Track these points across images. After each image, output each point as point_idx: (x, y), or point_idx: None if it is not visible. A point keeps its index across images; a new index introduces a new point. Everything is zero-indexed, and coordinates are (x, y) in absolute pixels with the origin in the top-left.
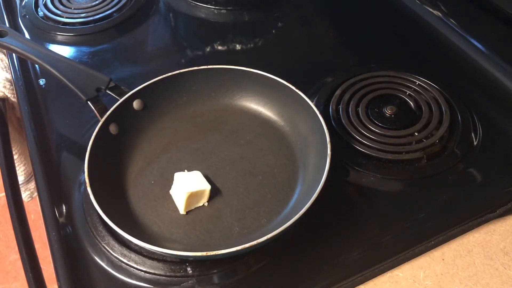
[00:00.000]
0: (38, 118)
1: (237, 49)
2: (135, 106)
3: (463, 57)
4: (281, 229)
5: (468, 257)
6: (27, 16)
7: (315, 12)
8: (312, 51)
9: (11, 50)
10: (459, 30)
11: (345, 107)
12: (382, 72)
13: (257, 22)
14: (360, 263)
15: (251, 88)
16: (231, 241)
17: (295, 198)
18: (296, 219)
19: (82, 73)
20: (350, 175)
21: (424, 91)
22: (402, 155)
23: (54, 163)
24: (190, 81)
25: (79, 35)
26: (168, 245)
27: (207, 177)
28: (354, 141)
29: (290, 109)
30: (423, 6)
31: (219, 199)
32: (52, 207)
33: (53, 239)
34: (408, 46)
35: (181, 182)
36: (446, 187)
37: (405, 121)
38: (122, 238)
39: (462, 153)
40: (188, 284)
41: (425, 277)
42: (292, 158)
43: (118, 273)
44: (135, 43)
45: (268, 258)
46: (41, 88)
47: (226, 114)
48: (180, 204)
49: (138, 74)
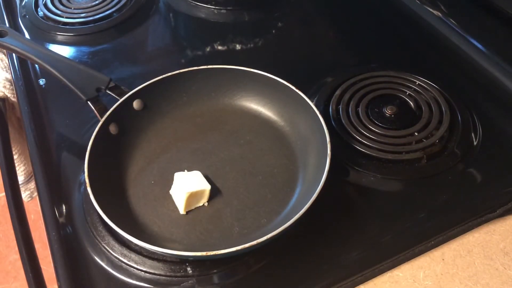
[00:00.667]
0: (38, 118)
1: (237, 49)
2: (135, 106)
3: (463, 57)
4: (281, 229)
5: (468, 257)
6: (27, 16)
7: (315, 12)
8: (312, 51)
9: (11, 50)
10: (459, 30)
11: (345, 107)
12: (382, 72)
13: (257, 22)
14: (360, 263)
15: (251, 88)
16: (231, 241)
17: (295, 198)
18: (296, 219)
19: (82, 73)
20: (350, 175)
21: (424, 91)
22: (402, 155)
23: (54, 163)
24: (190, 81)
25: (79, 35)
26: (168, 245)
27: (207, 177)
28: (354, 141)
29: (290, 109)
30: (423, 6)
31: (219, 199)
32: (52, 207)
33: (53, 239)
34: (408, 46)
35: (181, 182)
36: (446, 187)
37: (405, 121)
38: (122, 238)
39: (462, 153)
40: (188, 284)
41: (425, 277)
42: (292, 158)
43: (118, 273)
44: (135, 43)
45: (268, 258)
46: (41, 88)
47: (226, 114)
48: (180, 204)
49: (138, 74)
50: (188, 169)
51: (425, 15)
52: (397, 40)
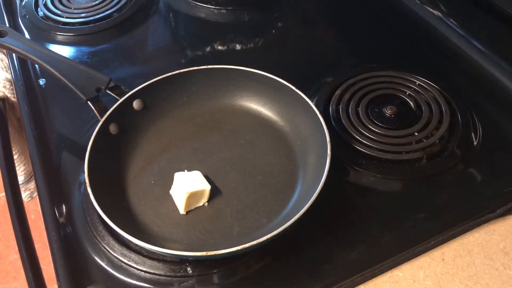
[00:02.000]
0: (38, 118)
1: (237, 49)
2: (135, 106)
3: (463, 57)
4: (281, 229)
5: (468, 257)
6: (27, 16)
7: (315, 12)
8: (312, 51)
9: (11, 50)
10: (459, 30)
11: (345, 107)
12: (382, 72)
13: (257, 22)
14: (360, 263)
15: (251, 88)
16: (231, 241)
17: (295, 198)
18: (296, 219)
19: (82, 73)
20: (350, 175)
21: (424, 91)
22: (402, 155)
23: (54, 163)
24: (190, 81)
25: (79, 35)
26: (168, 245)
27: (207, 177)
28: (354, 141)
29: (290, 109)
30: (423, 6)
31: (219, 199)
32: (52, 207)
33: (53, 239)
34: (408, 46)
35: (181, 182)
36: (446, 187)
37: (405, 121)
38: (122, 238)
39: (462, 153)
40: (188, 284)
41: (425, 277)
42: (292, 158)
43: (118, 273)
44: (135, 43)
45: (268, 258)
46: (41, 88)
47: (226, 114)
48: (180, 204)
49: (138, 74)
50: (188, 169)
51: (425, 15)
52: (397, 40)
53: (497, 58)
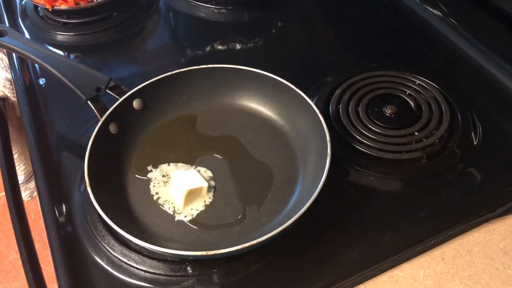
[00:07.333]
0: (38, 118)
1: (237, 48)
2: (135, 106)
3: (463, 57)
4: (281, 229)
5: (468, 257)
6: (27, 16)
7: (315, 12)
8: (312, 51)
9: (11, 50)
10: (459, 30)
11: (345, 106)
12: (382, 71)
13: (257, 22)
14: (360, 263)
15: (251, 87)
16: (231, 240)
17: (295, 198)
18: (296, 219)
19: (82, 73)
20: (350, 174)
21: (424, 91)
22: (402, 154)
23: (54, 163)
24: (190, 81)
25: (79, 35)
26: (168, 245)
27: (207, 176)
28: (354, 140)
29: (290, 109)
30: (423, 6)
31: (219, 198)
32: (52, 207)
33: (53, 239)
34: (408, 46)
35: (179, 181)
36: (446, 187)
37: (405, 121)
38: (122, 238)
39: (462, 153)
40: (188, 284)
41: (425, 276)
42: (292, 157)
43: (118, 272)
44: (135, 43)
45: (268, 258)
46: (41, 88)
47: (226, 114)
48: (179, 202)
49: (138, 74)
50: (188, 168)
51: (425, 15)
52: (397, 40)
53: (497, 58)
